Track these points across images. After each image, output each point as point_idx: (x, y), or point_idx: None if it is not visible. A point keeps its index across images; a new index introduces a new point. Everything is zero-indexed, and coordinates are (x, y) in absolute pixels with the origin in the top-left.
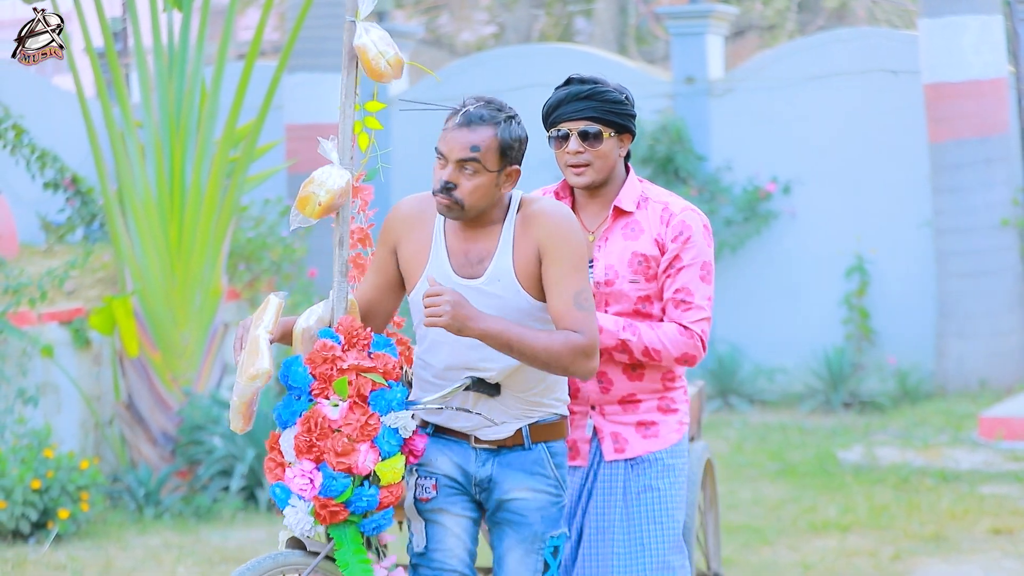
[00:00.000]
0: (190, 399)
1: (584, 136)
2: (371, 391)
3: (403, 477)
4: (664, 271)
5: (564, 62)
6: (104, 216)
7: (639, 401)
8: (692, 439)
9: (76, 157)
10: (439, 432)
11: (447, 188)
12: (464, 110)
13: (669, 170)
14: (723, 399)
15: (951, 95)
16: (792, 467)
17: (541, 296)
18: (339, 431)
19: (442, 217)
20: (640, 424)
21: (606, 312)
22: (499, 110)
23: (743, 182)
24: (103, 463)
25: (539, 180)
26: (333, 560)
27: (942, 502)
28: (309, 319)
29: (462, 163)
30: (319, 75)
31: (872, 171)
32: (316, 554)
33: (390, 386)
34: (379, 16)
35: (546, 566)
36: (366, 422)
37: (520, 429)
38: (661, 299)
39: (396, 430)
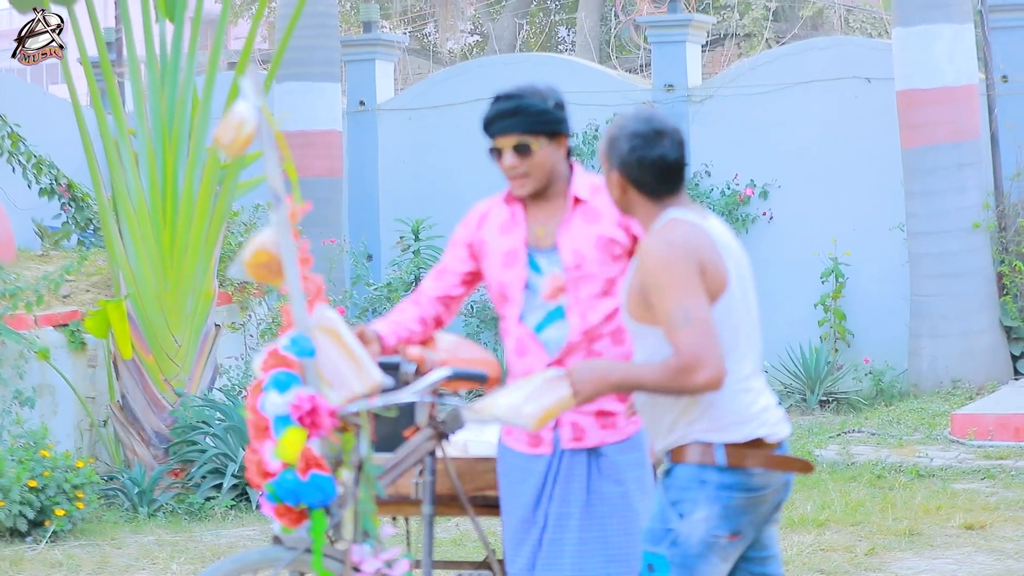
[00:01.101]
0: (183, 400)
1: (517, 150)
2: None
3: (309, 444)
4: (632, 252)
5: (547, 71)
6: (98, 222)
7: None
8: None
9: (71, 164)
10: None
11: None
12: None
13: None
14: None
15: (924, 102)
16: None
17: (639, 316)
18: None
19: None
20: (599, 414)
21: (577, 297)
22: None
23: (721, 187)
24: (98, 463)
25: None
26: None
27: (916, 498)
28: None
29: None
30: (307, 84)
31: (847, 176)
32: (295, 549)
33: (277, 380)
34: (366, 26)
35: None
36: (256, 423)
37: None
38: None
39: (286, 416)
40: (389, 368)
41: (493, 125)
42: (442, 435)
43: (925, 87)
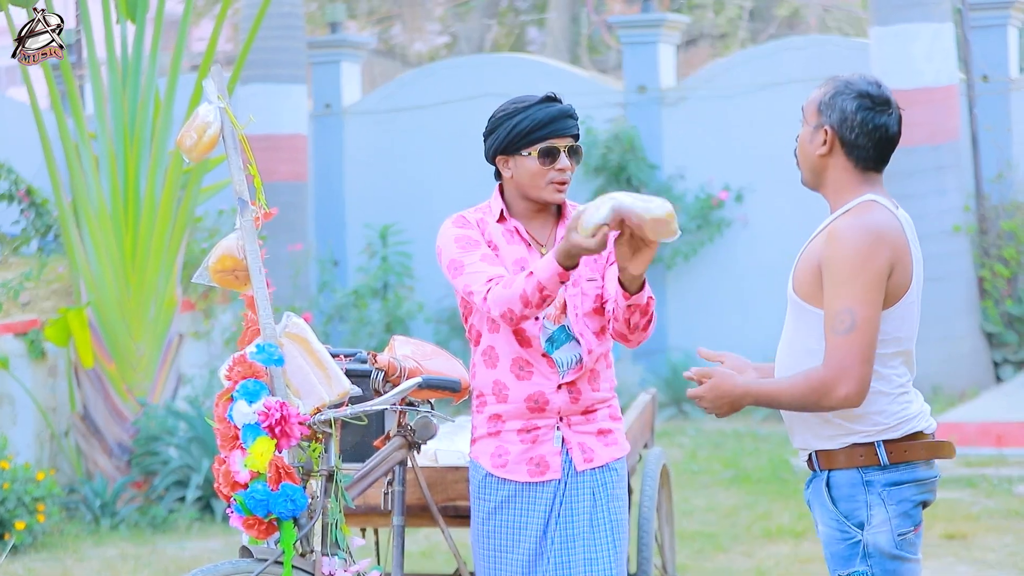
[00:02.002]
0: (145, 410)
1: (571, 152)
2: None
3: (279, 453)
4: (608, 261)
5: (517, 72)
6: (59, 228)
7: (596, 410)
8: (646, 446)
9: (30, 169)
10: None
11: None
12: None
13: (622, 178)
14: (677, 407)
15: (902, 102)
16: (746, 474)
17: (804, 294)
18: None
19: None
20: (600, 432)
21: (577, 316)
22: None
23: (695, 190)
24: (59, 474)
25: (489, 188)
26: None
27: None
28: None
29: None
30: (272, 86)
31: None
32: (264, 560)
33: (246, 389)
34: (332, 27)
35: None
36: (225, 433)
37: (811, 453)
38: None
39: (255, 424)
40: (358, 376)
41: (554, 124)
42: (412, 444)
43: (903, 87)
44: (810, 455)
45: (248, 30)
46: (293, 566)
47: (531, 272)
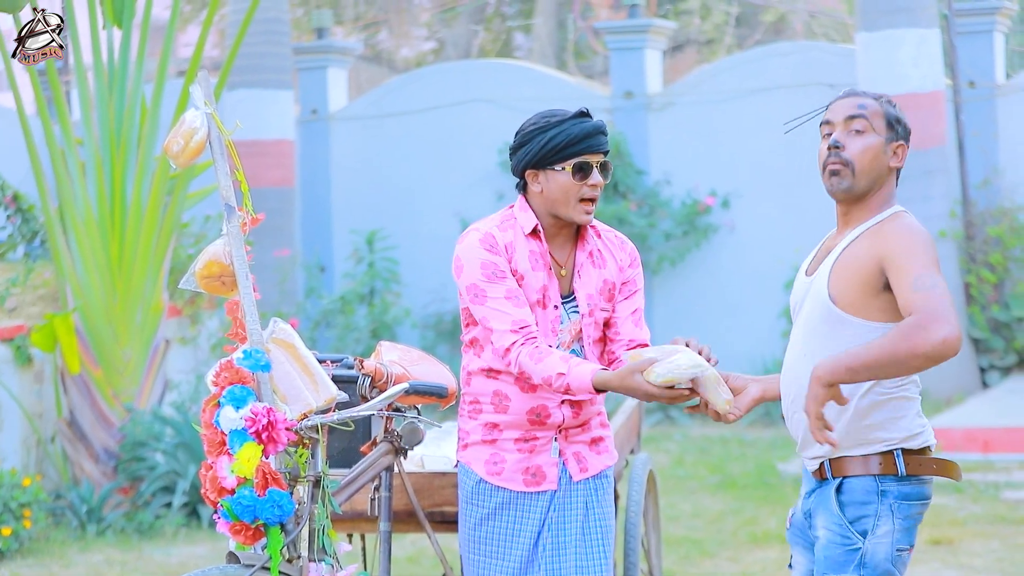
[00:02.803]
0: (132, 416)
1: (603, 169)
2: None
3: (266, 459)
4: (621, 294)
5: (503, 77)
6: (45, 233)
7: (590, 419)
8: (633, 452)
9: (16, 174)
10: None
11: (836, 146)
12: (846, 90)
13: (608, 184)
14: (663, 412)
15: None
16: (732, 479)
17: (844, 302)
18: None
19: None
20: (593, 441)
21: (589, 345)
22: (876, 93)
23: (682, 196)
24: (45, 480)
25: (476, 194)
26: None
27: None
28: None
29: (850, 120)
30: (259, 91)
31: (810, 184)
32: (251, 566)
33: (233, 395)
34: (318, 32)
35: None
36: (212, 439)
37: (824, 461)
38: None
39: (242, 430)
40: (345, 382)
41: (589, 140)
42: (399, 450)
43: (890, 93)
44: (822, 463)
45: (235, 36)
46: (280, 572)
47: (564, 372)
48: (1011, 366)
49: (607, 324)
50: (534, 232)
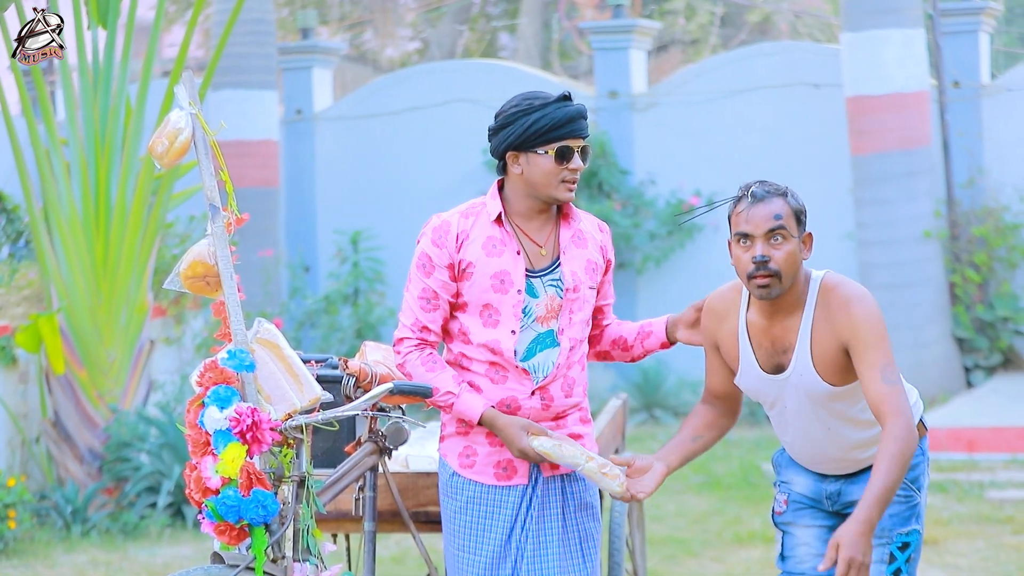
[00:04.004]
0: (116, 416)
1: (583, 153)
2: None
3: (251, 459)
4: (606, 275)
5: (488, 78)
6: (30, 234)
7: (567, 415)
8: (617, 451)
9: (1, 175)
10: None
11: (764, 262)
12: (750, 191)
13: (593, 184)
14: (648, 412)
15: (873, 108)
16: (717, 479)
17: (840, 381)
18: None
19: (743, 311)
20: (570, 437)
21: (570, 320)
22: (775, 185)
23: (667, 195)
24: (30, 481)
25: (461, 194)
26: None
27: None
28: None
29: (770, 234)
30: (243, 92)
31: (795, 184)
32: (236, 566)
33: (217, 395)
34: (303, 33)
35: (892, 558)
36: (196, 439)
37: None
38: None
39: (227, 430)
40: (329, 382)
41: (572, 124)
42: (383, 450)
43: (875, 93)
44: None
45: (219, 36)
46: (265, 572)
47: (455, 393)
48: (995, 366)
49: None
50: (498, 219)
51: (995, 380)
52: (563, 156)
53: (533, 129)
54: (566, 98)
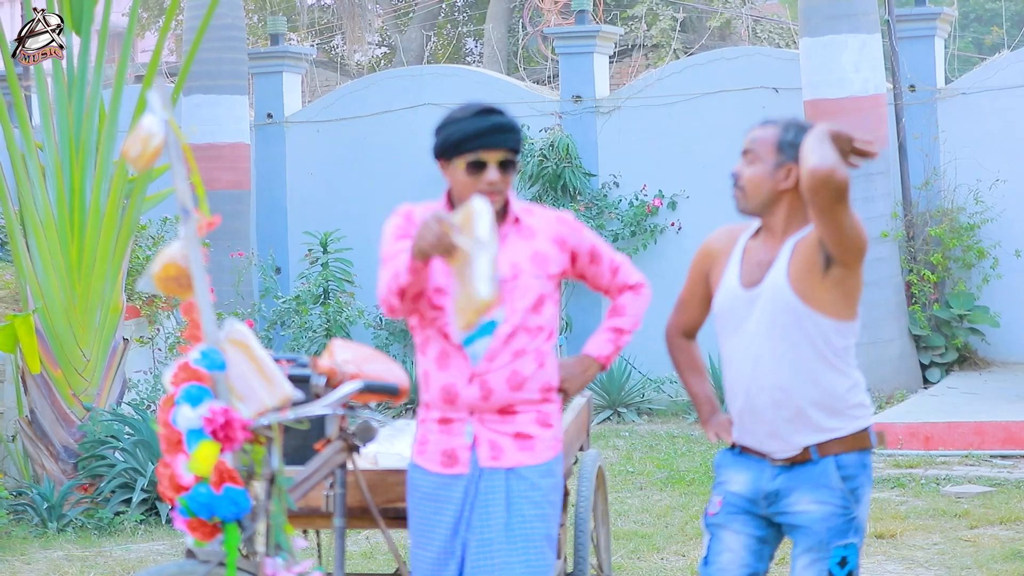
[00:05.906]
0: (91, 414)
1: (502, 166)
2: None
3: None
4: (587, 263)
5: (455, 82)
6: (5, 236)
7: (516, 412)
8: (582, 448)
9: None
10: (745, 450)
11: (734, 176)
12: (764, 119)
13: (558, 187)
14: (612, 409)
15: (831, 111)
16: (680, 475)
17: (811, 298)
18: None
19: (747, 236)
20: (517, 435)
21: (513, 308)
22: (787, 118)
23: (630, 197)
24: (6, 478)
25: (428, 197)
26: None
27: None
28: None
29: (745, 153)
30: (215, 96)
31: None
32: (208, 562)
33: (189, 394)
34: (273, 38)
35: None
36: (169, 437)
37: (808, 446)
38: (556, 302)
39: (199, 429)
40: (299, 381)
41: (485, 138)
42: (353, 447)
43: (832, 96)
44: (806, 448)
45: (191, 42)
46: (237, 567)
47: (405, 250)
48: (951, 363)
49: (596, 288)
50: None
51: (951, 377)
52: (474, 168)
53: (448, 141)
54: (488, 111)
